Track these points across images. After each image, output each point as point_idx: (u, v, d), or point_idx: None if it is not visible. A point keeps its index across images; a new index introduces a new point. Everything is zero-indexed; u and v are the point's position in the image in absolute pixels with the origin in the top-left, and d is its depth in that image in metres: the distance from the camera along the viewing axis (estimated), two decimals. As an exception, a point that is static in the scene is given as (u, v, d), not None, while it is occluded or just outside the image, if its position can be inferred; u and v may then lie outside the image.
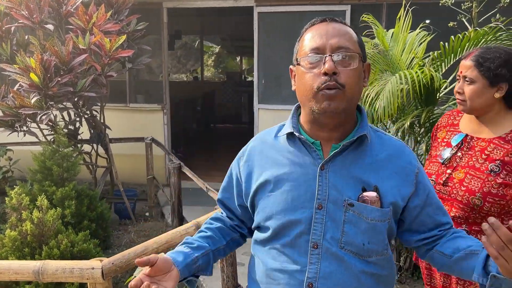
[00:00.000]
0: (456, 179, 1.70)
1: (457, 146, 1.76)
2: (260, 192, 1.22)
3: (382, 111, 2.83)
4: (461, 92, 1.72)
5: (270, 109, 5.84)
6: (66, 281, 1.66)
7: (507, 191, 1.62)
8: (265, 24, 5.72)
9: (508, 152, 1.64)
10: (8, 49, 3.95)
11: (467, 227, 1.70)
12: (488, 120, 1.73)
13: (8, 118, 3.92)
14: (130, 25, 4.93)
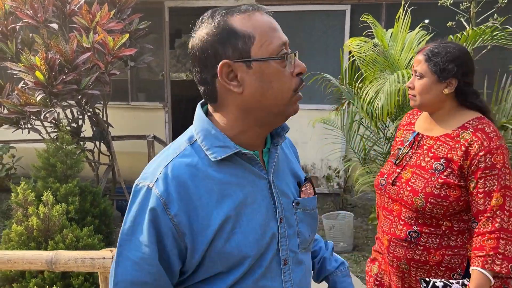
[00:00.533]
0: (404, 179, 1.67)
1: (409, 144, 1.73)
2: (219, 236, 0.95)
3: (380, 110, 2.90)
4: (412, 87, 1.70)
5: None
6: (77, 271, 1.72)
7: (449, 192, 1.57)
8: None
9: (452, 149, 1.60)
10: (13, 47, 4.01)
11: (418, 228, 1.65)
12: (440, 118, 1.69)
13: (13, 115, 3.97)
14: (132, 24, 4.99)
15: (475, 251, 1.55)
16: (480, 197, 1.55)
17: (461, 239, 1.63)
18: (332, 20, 5.58)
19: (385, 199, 1.73)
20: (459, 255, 1.63)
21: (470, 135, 1.59)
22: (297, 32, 5.74)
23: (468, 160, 1.56)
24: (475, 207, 1.57)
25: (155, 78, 6.71)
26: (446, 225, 1.61)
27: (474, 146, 1.56)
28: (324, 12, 5.59)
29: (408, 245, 1.65)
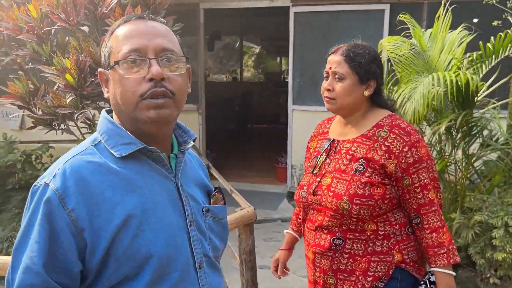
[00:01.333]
0: (324, 186, 1.60)
1: (325, 152, 1.67)
2: (124, 232, 0.91)
3: (412, 114, 2.71)
4: (331, 90, 1.61)
5: (305, 110, 5.76)
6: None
7: (374, 190, 1.52)
8: (301, 24, 5.64)
9: (370, 148, 1.55)
10: (48, 50, 4.08)
11: (342, 234, 1.58)
12: (355, 121, 1.64)
13: (46, 117, 4.05)
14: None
15: (435, 249, 1.52)
16: (417, 191, 1.53)
17: (387, 244, 1.56)
18: (370, 20, 5.37)
19: (309, 210, 1.67)
20: (385, 262, 1.55)
21: (387, 133, 1.54)
22: (333, 33, 5.57)
23: (393, 158, 1.51)
24: (416, 202, 1.54)
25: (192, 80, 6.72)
26: (371, 228, 1.55)
27: (395, 144, 1.52)
28: (362, 12, 5.39)
29: (333, 254, 1.58)
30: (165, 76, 0.97)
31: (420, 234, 1.56)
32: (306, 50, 5.72)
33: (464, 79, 2.77)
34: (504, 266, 2.97)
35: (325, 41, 5.60)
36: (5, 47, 4.40)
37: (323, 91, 1.64)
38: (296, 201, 1.73)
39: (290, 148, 5.91)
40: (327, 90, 1.62)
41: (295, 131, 5.83)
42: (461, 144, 3.15)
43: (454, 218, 3.18)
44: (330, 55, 1.64)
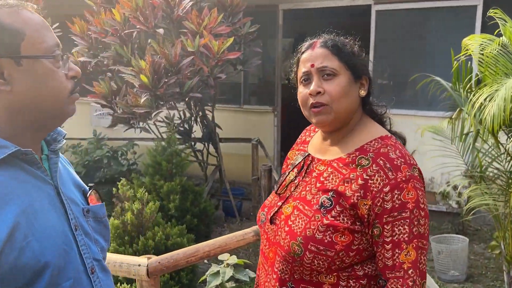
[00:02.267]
0: (284, 215, 1.22)
1: (297, 168, 1.29)
2: (10, 247, 0.83)
3: (490, 120, 2.41)
4: (322, 92, 1.18)
5: (386, 114, 5.46)
6: (116, 275, 1.71)
7: (336, 237, 1.12)
8: (383, 23, 5.37)
9: (345, 180, 1.15)
10: (129, 52, 4.31)
11: (293, 285, 1.19)
12: (338, 136, 1.24)
13: (125, 115, 4.27)
14: (243, 28, 5.03)
15: None
16: (387, 248, 1.11)
17: None
18: (460, 18, 4.96)
19: (264, 240, 1.29)
20: None
21: (369, 161, 1.14)
22: (418, 32, 5.24)
23: (368, 198, 1.11)
24: (382, 261, 1.12)
25: (270, 81, 6.72)
26: (330, 281, 1.15)
27: (375, 179, 1.12)
28: (451, 9, 4.99)
29: None
30: None
31: None
32: (388, 50, 5.43)
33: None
34: None
35: (409, 40, 5.28)
36: (93, 50, 4.73)
37: (305, 100, 1.21)
38: (257, 222, 1.38)
39: (368, 152, 5.65)
40: (315, 94, 1.18)
41: (374, 136, 5.56)
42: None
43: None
44: (305, 52, 1.24)
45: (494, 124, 2.41)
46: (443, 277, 3.79)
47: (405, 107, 5.26)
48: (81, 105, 6.98)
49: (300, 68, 1.24)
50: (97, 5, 4.90)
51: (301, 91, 1.22)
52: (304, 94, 1.21)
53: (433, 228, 4.95)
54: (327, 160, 1.23)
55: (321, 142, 1.29)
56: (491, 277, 3.82)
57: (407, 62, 5.34)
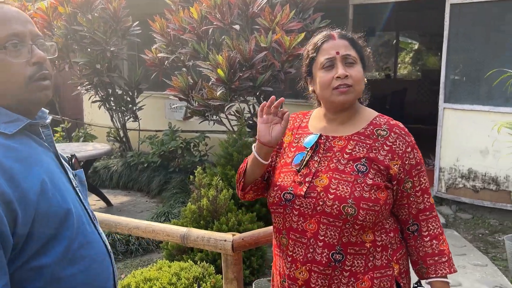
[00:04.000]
0: (320, 187, 1.37)
1: (311, 149, 1.44)
2: (42, 198, 0.99)
3: None
4: (348, 76, 1.38)
5: (459, 109, 5.33)
6: (204, 248, 1.89)
7: (379, 194, 1.35)
8: (458, 16, 5.23)
9: (371, 148, 1.39)
10: (205, 48, 4.55)
11: (342, 247, 1.36)
12: (346, 116, 1.46)
13: (201, 108, 4.53)
14: (314, 24, 5.12)
15: (436, 257, 1.42)
16: (418, 195, 1.42)
17: (386, 256, 1.40)
18: (543, 9, 4.73)
19: (293, 217, 1.40)
20: (387, 277, 1.39)
21: (387, 132, 1.41)
22: (496, 25, 5.04)
23: (396, 159, 1.39)
24: (415, 207, 1.43)
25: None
26: (369, 239, 1.38)
27: (398, 144, 1.40)
28: (534, 0, 4.77)
29: (332, 272, 1.36)
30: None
31: (416, 242, 1.44)
32: (463, 44, 5.28)
33: None
34: None
35: (487, 34, 5.10)
36: (171, 46, 5.03)
37: (328, 82, 1.39)
38: (275, 205, 1.46)
39: (439, 149, 5.54)
40: (343, 77, 1.38)
41: (446, 132, 5.45)
42: None
43: None
44: (325, 42, 1.43)
45: None
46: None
47: (480, 103, 5.11)
48: (157, 99, 7.43)
49: (321, 55, 1.42)
50: (175, 4, 5.20)
51: (323, 75, 1.41)
52: (329, 78, 1.39)
53: (508, 228, 4.79)
54: (345, 136, 1.44)
55: (329, 123, 1.48)
56: None
57: (483, 57, 5.16)
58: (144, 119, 7.01)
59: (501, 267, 3.90)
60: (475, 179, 5.27)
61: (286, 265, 1.44)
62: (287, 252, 1.43)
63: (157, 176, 6.17)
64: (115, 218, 2.15)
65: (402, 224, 1.46)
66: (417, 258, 1.45)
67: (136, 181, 6.38)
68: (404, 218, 1.45)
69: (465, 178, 5.35)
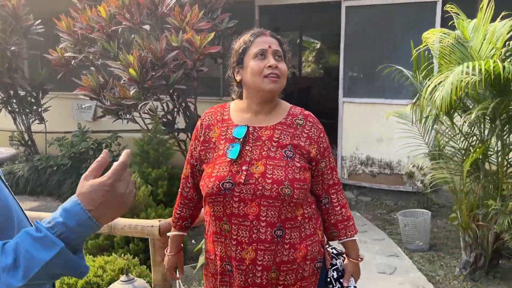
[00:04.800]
0: (257, 173, 1.54)
1: (242, 139, 1.61)
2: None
3: (439, 102, 2.81)
4: (276, 67, 1.57)
5: (357, 102, 5.87)
6: (132, 235, 2.01)
7: (305, 174, 1.59)
8: (353, 18, 5.76)
9: (294, 135, 1.61)
10: (115, 47, 4.56)
11: (281, 224, 1.55)
12: (268, 108, 1.65)
13: (113, 107, 4.53)
14: (222, 23, 5.33)
15: (345, 222, 1.72)
16: (329, 173, 1.68)
17: (312, 225, 1.64)
18: (423, 13, 5.38)
19: (234, 204, 1.54)
20: (315, 242, 1.64)
21: (303, 121, 1.64)
22: (386, 26, 5.64)
23: (313, 144, 1.62)
24: (326, 183, 1.69)
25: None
26: (300, 213, 1.60)
27: (313, 131, 1.64)
28: (414, 5, 5.41)
29: (275, 247, 1.55)
30: None
31: (329, 212, 1.71)
32: (358, 43, 5.83)
33: (500, 66, 2.82)
34: (540, 253, 2.99)
35: (377, 34, 5.68)
36: (79, 45, 4.95)
37: (260, 70, 1.56)
38: (214, 194, 1.56)
39: (340, 140, 6.05)
40: (275, 67, 1.56)
41: (346, 124, 5.97)
42: (493, 131, 3.19)
43: (491, 205, 3.22)
44: (258, 36, 1.63)
45: (443, 107, 2.81)
46: (409, 247, 4.22)
47: (374, 97, 5.69)
48: (63, 100, 7.16)
49: (254, 47, 1.60)
50: (81, 2, 5.11)
51: (256, 63, 1.58)
52: (261, 66, 1.57)
53: (401, 207, 5.39)
54: (270, 126, 1.63)
55: (254, 115, 1.65)
56: (451, 246, 4.28)
57: (375, 55, 5.74)
58: (50, 121, 6.74)
59: (396, 240, 4.43)
60: (372, 165, 5.85)
61: (231, 249, 1.56)
62: (231, 236, 1.55)
63: (68, 178, 5.99)
64: (38, 214, 2.17)
65: (316, 197, 1.71)
66: (329, 225, 1.73)
67: (45, 185, 6.14)
68: (318, 192, 1.70)
69: (364, 164, 5.91)
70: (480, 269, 3.58)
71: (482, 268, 3.58)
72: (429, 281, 3.54)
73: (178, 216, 1.83)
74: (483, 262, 3.57)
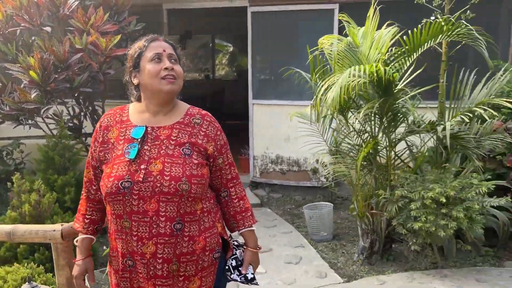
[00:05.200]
0: (156, 171, 1.62)
1: (140, 140, 1.68)
2: None
3: (331, 103, 3.09)
4: (172, 69, 1.68)
5: (266, 104, 6.12)
6: (32, 241, 1.99)
7: (203, 170, 1.70)
8: (259, 23, 6.00)
9: (191, 134, 1.72)
10: (13, 50, 4.35)
11: (180, 218, 1.65)
12: (167, 109, 1.74)
13: (13, 112, 4.32)
14: (129, 26, 5.29)
15: (243, 213, 1.87)
16: (227, 168, 1.82)
17: (211, 219, 1.76)
18: (322, 19, 5.75)
19: (133, 202, 1.61)
20: (214, 234, 1.75)
21: (200, 120, 1.76)
22: (289, 31, 5.94)
23: (210, 141, 1.75)
24: (225, 178, 1.83)
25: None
26: (199, 207, 1.70)
27: (210, 129, 1.76)
28: (314, 11, 5.76)
29: (175, 240, 1.64)
30: None
31: (228, 204, 1.85)
32: (265, 47, 6.08)
33: (382, 70, 3.16)
34: (422, 234, 3.38)
35: (282, 39, 5.97)
36: (-27, 48, 4.64)
37: (157, 72, 1.66)
38: (113, 193, 1.62)
39: (252, 140, 6.27)
40: (171, 69, 1.67)
41: (256, 125, 6.19)
42: (381, 128, 3.55)
43: (381, 194, 3.58)
44: (153, 41, 1.72)
45: (333, 106, 3.09)
46: (314, 237, 4.51)
47: (281, 98, 5.97)
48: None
49: (150, 51, 1.69)
50: (-26, 2, 4.79)
51: (152, 66, 1.67)
52: (158, 68, 1.67)
53: (309, 201, 5.71)
54: (168, 125, 1.72)
55: (153, 115, 1.73)
56: (352, 234, 4.64)
57: (280, 59, 6.03)
58: None
59: (303, 232, 4.71)
60: (282, 163, 6.13)
61: (132, 244, 1.64)
62: (132, 233, 1.63)
63: (-35, 190, 5.57)
64: None
65: (215, 192, 1.85)
66: (228, 216, 1.88)
67: None
68: (217, 187, 1.83)
69: (274, 163, 6.18)
70: (375, 253, 3.94)
71: (377, 252, 3.94)
72: (331, 268, 3.83)
73: (89, 221, 1.84)
74: (377, 247, 3.94)
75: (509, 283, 3.41)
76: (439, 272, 3.63)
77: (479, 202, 3.27)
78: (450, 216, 3.25)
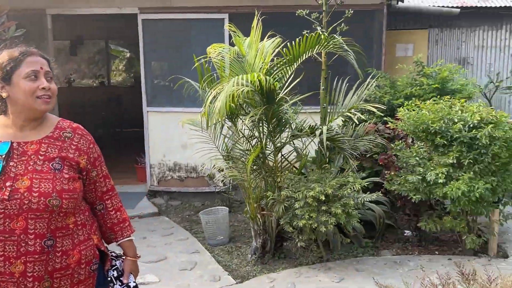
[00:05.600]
0: (23, 188, 1.58)
1: (5, 156, 1.63)
2: None
3: (217, 112, 3.22)
4: (51, 89, 1.67)
5: (160, 111, 6.10)
6: None
7: (75, 184, 1.68)
8: (150, 30, 5.97)
9: (62, 148, 1.70)
10: None
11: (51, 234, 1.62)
12: (37, 122, 1.70)
13: None
14: (8, 31, 4.97)
15: (121, 224, 1.90)
16: (102, 181, 1.84)
17: (86, 231, 1.74)
18: (213, 28, 5.89)
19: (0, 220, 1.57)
20: (90, 247, 1.74)
21: (71, 134, 1.75)
22: (182, 39, 5.99)
23: (83, 155, 1.74)
24: (100, 190, 1.84)
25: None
26: (72, 221, 1.68)
27: (82, 142, 1.76)
28: (206, 20, 5.89)
29: (46, 256, 1.60)
30: None
31: (104, 217, 1.86)
32: (157, 54, 6.07)
33: (263, 79, 3.35)
34: (307, 231, 3.64)
35: (175, 46, 6.00)
36: None
37: (33, 90, 1.62)
38: None
39: (148, 148, 6.20)
40: (48, 88, 1.64)
41: (152, 132, 6.15)
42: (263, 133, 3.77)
43: (270, 196, 3.78)
44: (28, 56, 1.66)
45: (220, 114, 3.22)
46: (211, 242, 4.60)
47: (175, 105, 5.99)
48: None
49: (26, 67, 1.63)
50: None
51: (28, 84, 1.62)
52: (34, 87, 1.62)
53: (208, 206, 5.78)
54: (36, 140, 1.68)
55: (19, 130, 1.68)
56: (247, 236, 4.81)
57: (173, 66, 6.05)
58: None
59: (200, 238, 4.78)
60: (180, 170, 6.15)
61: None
62: None
63: None
64: None
65: (90, 205, 1.84)
66: (105, 229, 1.88)
67: None
68: (92, 200, 1.83)
69: (172, 170, 6.18)
70: (268, 252, 4.14)
71: (269, 252, 4.14)
72: (225, 270, 3.94)
73: None
74: (269, 246, 4.14)
75: (383, 270, 3.80)
76: (324, 266, 3.92)
77: (354, 198, 3.60)
78: (330, 213, 3.53)
